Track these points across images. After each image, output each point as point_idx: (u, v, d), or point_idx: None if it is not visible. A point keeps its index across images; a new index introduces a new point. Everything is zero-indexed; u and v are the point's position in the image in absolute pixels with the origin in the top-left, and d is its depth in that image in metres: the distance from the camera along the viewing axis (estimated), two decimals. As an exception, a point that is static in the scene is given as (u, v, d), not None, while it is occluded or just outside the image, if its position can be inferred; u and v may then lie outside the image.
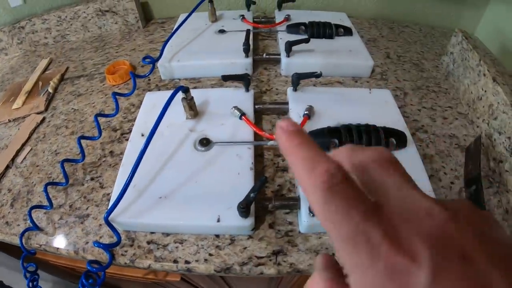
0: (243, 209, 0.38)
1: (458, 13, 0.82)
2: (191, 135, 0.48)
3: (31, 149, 0.63)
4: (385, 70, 0.69)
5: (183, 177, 0.44)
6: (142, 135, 0.50)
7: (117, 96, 0.54)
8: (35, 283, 0.56)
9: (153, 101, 0.55)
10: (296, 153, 0.16)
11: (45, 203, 0.51)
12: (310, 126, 0.49)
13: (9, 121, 0.70)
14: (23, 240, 0.49)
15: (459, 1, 0.80)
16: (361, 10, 0.84)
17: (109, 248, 0.44)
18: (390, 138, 0.48)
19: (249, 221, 0.40)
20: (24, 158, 0.62)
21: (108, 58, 0.76)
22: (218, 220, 0.40)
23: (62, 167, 0.52)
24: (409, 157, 0.47)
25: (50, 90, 0.70)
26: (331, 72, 0.63)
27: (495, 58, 0.62)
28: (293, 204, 0.43)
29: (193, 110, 0.49)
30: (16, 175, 0.59)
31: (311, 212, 0.40)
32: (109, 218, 0.42)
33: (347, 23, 0.72)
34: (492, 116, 0.54)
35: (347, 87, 0.63)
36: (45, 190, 0.51)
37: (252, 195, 0.38)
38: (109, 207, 0.42)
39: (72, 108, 0.65)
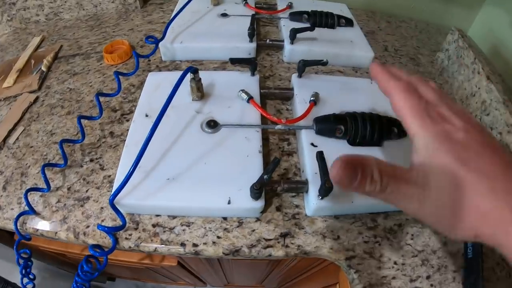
0: (257, 190, 0.36)
1: (452, 12, 0.83)
2: (198, 117, 0.46)
3: (24, 129, 0.59)
4: (383, 63, 0.68)
5: (191, 159, 0.42)
6: (147, 116, 0.47)
7: (119, 77, 0.51)
8: (28, 269, 0.53)
9: (156, 81, 0.52)
10: (389, 79, 0.30)
11: (41, 185, 0.48)
12: (316, 112, 0.48)
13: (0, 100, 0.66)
14: (18, 225, 0.46)
15: (454, 0, 0.81)
16: (360, 2, 0.84)
17: (114, 231, 0.41)
18: (392, 127, 0.47)
19: (260, 203, 0.39)
20: (17, 138, 0.58)
21: (105, 37, 0.71)
22: (229, 202, 0.39)
23: (61, 147, 0.49)
24: (408, 146, 0.47)
25: (44, 69, 0.65)
26: (332, 61, 0.62)
27: (486, 58, 0.63)
28: (300, 187, 0.42)
29: (200, 92, 0.47)
30: (9, 157, 0.55)
31: (320, 194, 0.39)
32: (114, 200, 0.40)
33: (348, 14, 0.71)
34: (484, 112, 0.55)
35: (348, 77, 0.62)
36: (43, 172, 0.48)
37: (265, 176, 0.36)
38: (114, 189, 0.39)
39: (68, 88, 0.61)
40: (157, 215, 0.42)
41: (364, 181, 0.23)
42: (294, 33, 0.58)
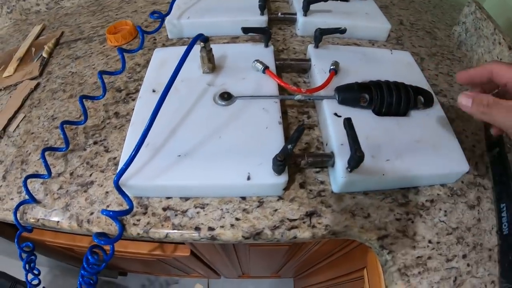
0: (280, 162, 0.30)
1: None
2: (210, 90, 0.41)
3: (24, 116, 0.53)
4: (400, 36, 0.62)
5: (204, 133, 0.37)
6: (154, 91, 0.41)
7: (123, 54, 0.46)
8: (32, 264, 0.47)
9: (163, 57, 0.46)
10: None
11: (42, 172, 0.43)
12: (338, 82, 0.42)
13: (0, 90, 0.60)
14: (18, 215, 0.41)
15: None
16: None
17: (119, 216, 0.36)
18: (418, 96, 0.42)
19: (283, 178, 0.33)
20: (17, 126, 0.53)
21: (108, 20, 0.66)
22: (249, 178, 0.33)
23: (62, 129, 0.43)
24: (436, 116, 0.42)
25: (45, 55, 0.60)
26: (348, 34, 0.56)
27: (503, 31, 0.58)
28: (326, 161, 0.37)
29: (212, 63, 0.41)
30: (9, 145, 0.50)
31: (349, 166, 0.33)
32: (120, 182, 0.34)
33: (359, -13, 0.65)
34: (508, 83, 0.49)
35: (366, 47, 0.56)
36: (43, 157, 0.43)
37: (289, 146, 0.31)
38: (119, 169, 0.34)
39: (70, 72, 0.56)
40: (168, 197, 0.37)
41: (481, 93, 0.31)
42: (307, 3, 0.52)
